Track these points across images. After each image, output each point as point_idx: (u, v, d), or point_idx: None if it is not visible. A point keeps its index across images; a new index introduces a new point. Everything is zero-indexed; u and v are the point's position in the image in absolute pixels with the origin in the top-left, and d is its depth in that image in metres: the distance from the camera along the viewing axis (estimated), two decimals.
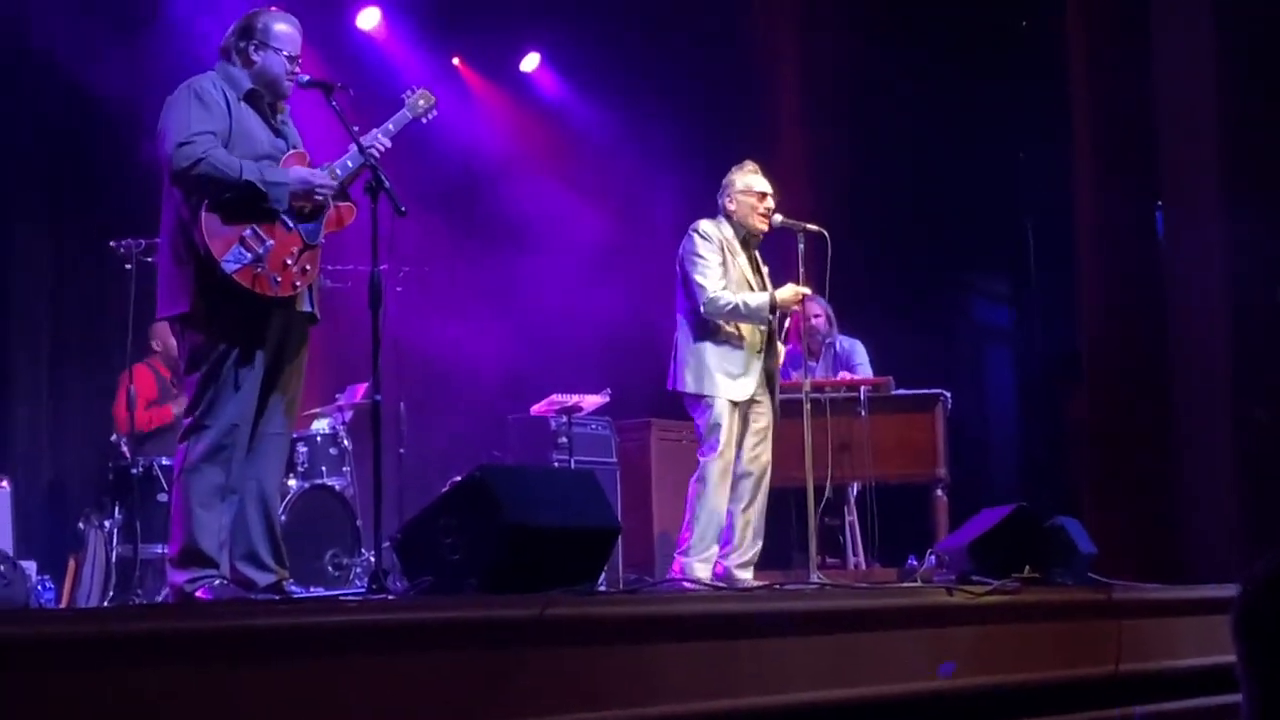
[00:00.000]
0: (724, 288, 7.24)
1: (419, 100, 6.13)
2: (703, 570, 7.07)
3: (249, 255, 5.46)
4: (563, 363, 10.76)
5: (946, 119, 11.32)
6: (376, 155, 5.80)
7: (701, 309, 7.24)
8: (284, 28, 5.81)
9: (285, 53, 5.77)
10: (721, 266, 7.29)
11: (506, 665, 4.21)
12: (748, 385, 7.26)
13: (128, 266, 7.88)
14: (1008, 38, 11.40)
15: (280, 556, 5.69)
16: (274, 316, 5.61)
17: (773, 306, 7.25)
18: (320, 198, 5.64)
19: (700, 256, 7.29)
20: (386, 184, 5.62)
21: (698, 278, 7.25)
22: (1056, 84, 10.00)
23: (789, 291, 7.29)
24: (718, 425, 7.19)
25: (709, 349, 7.25)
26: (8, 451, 9.08)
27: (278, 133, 5.80)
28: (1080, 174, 9.66)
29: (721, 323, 7.27)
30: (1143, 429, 8.94)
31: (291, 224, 5.59)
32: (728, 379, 7.23)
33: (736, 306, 7.22)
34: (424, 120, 6.15)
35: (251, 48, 5.75)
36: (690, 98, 11.39)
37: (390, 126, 5.97)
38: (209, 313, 5.50)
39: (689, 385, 7.28)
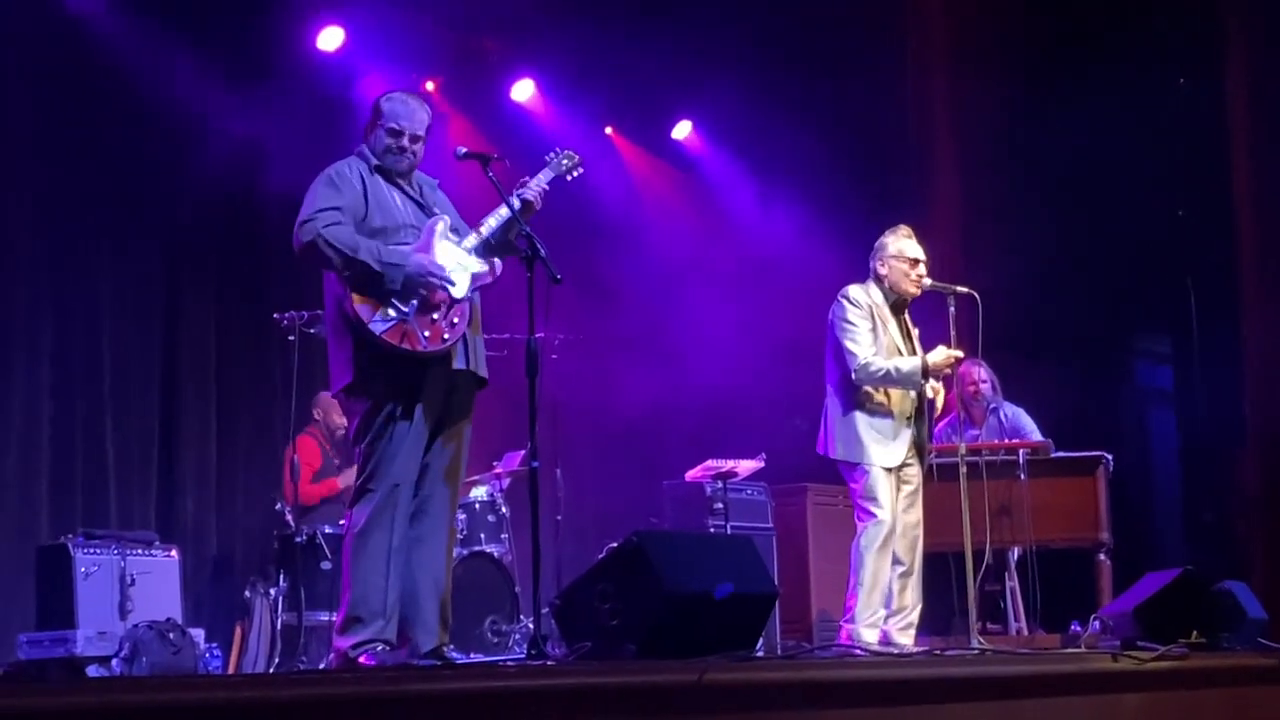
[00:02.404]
0: (875, 354, 7.20)
1: (563, 160, 6.18)
2: (870, 635, 7.01)
3: (395, 315, 5.57)
4: (717, 428, 10.76)
5: (1103, 177, 11.19)
6: (534, 198, 5.89)
7: (853, 375, 7.20)
8: (392, 105, 5.93)
9: (388, 126, 5.87)
10: (872, 332, 7.26)
11: None
12: (899, 451, 7.20)
13: (290, 338, 8.03)
14: (1166, 94, 11.25)
15: (445, 620, 5.73)
16: (431, 376, 5.67)
17: (925, 371, 7.19)
18: (431, 290, 5.63)
19: (850, 323, 7.26)
20: (542, 252, 5.67)
21: (849, 344, 7.23)
22: (1216, 139, 9.86)
23: (941, 355, 7.22)
24: (875, 491, 7.14)
25: (859, 417, 7.21)
26: (176, 522, 9.27)
27: (420, 204, 5.88)
28: (1243, 231, 9.51)
29: (871, 390, 7.22)
30: None
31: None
32: (879, 446, 7.18)
33: (889, 372, 7.17)
34: (568, 178, 6.19)
35: (368, 127, 5.94)
36: (842, 161, 11.37)
37: (541, 178, 6.03)
38: (369, 379, 5.60)
39: (841, 454, 7.25)
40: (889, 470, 7.16)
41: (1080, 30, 11.31)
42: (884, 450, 7.18)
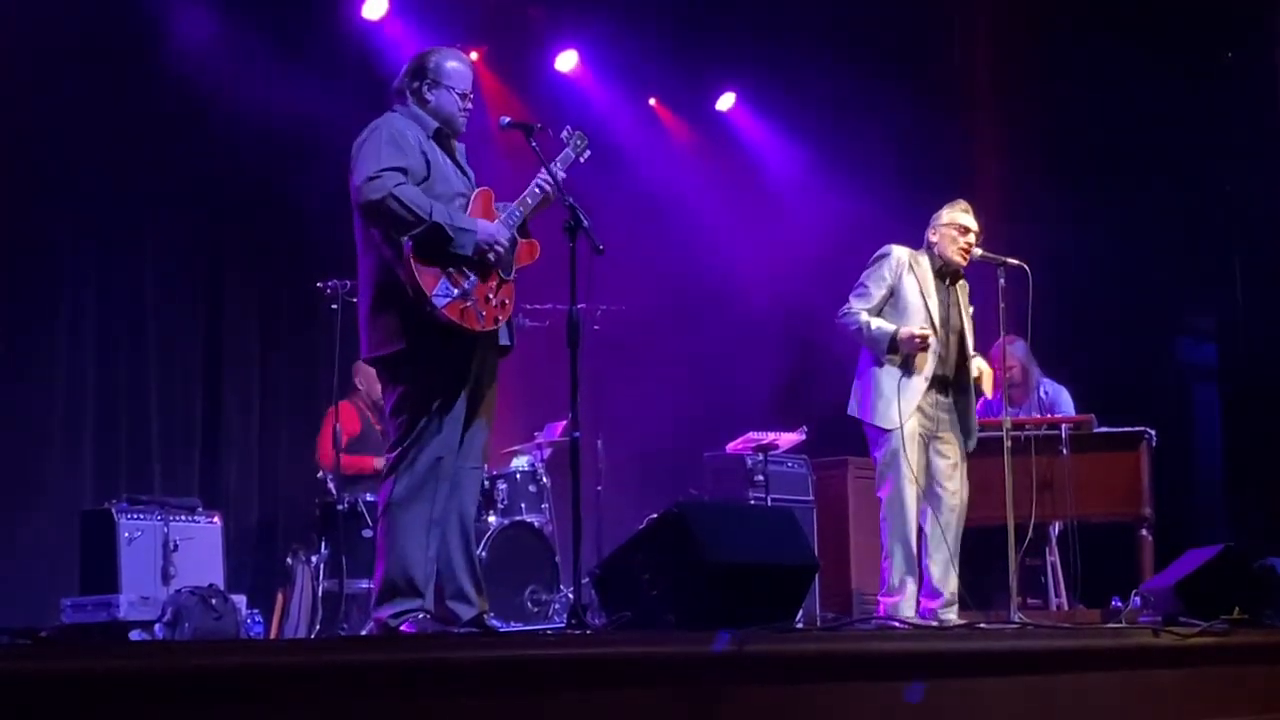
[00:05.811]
0: (871, 310, 7.22)
1: (577, 139, 6.13)
2: (907, 607, 6.99)
3: (456, 290, 5.53)
4: (759, 400, 10.74)
5: (1150, 153, 11.12)
6: (549, 186, 5.82)
7: (836, 319, 7.29)
8: (455, 65, 5.86)
9: (457, 90, 5.82)
10: (885, 291, 7.26)
11: (705, 701, 4.22)
12: (905, 408, 7.10)
13: (334, 307, 8.04)
14: (1213, 69, 11.16)
15: (480, 588, 5.74)
16: (475, 351, 5.68)
17: (892, 343, 7.16)
18: (494, 255, 5.64)
19: (865, 274, 7.33)
20: (585, 223, 5.65)
21: (851, 295, 7.32)
22: (1264, 115, 9.77)
23: (904, 332, 7.14)
24: (896, 454, 7.10)
25: (879, 373, 7.19)
26: (219, 489, 9.33)
27: (462, 170, 5.87)
28: None
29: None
30: None
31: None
32: (894, 404, 7.09)
33: (860, 328, 7.21)
34: (580, 160, 6.13)
35: (425, 87, 5.81)
36: (886, 135, 11.32)
37: (559, 164, 5.97)
38: (418, 351, 5.55)
39: (855, 409, 7.28)
40: (914, 433, 7.12)
41: (1129, 1, 11.24)
42: (899, 409, 7.10)
